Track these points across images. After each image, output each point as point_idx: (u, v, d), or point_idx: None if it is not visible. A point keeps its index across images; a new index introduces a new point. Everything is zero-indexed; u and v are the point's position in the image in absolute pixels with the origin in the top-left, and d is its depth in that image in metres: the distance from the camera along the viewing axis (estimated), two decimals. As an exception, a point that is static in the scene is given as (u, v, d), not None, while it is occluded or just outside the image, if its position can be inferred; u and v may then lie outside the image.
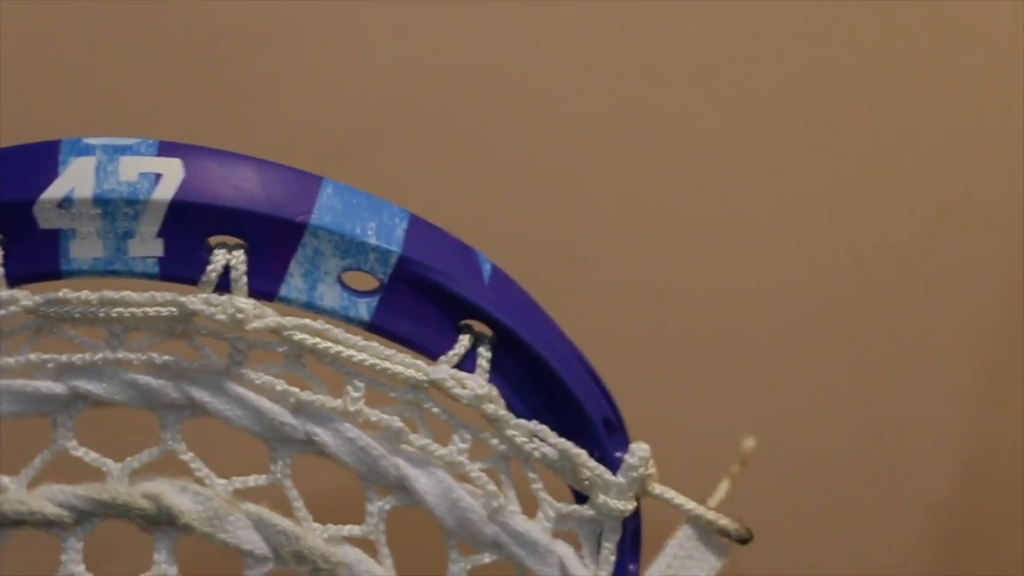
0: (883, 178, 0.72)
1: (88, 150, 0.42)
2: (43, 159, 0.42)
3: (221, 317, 0.42)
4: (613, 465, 0.45)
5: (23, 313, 0.43)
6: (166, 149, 0.43)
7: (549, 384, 0.45)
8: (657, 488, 0.45)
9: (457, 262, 0.44)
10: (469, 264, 0.44)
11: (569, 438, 0.45)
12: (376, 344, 0.44)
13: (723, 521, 0.45)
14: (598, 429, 0.45)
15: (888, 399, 0.73)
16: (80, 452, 0.44)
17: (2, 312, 0.42)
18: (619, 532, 0.45)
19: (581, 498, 0.46)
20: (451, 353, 0.44)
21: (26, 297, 0.42)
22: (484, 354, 0.44)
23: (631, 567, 0.45)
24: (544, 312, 0.46)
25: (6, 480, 0.44)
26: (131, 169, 0.42)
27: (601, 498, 0.45)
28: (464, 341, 0.44)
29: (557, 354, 0.45)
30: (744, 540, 0.46)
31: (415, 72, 0.67)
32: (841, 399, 0.73)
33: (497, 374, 0.45)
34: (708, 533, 0.46)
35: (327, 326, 0.43)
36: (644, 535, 0.46)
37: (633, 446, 0.45)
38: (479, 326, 0.45)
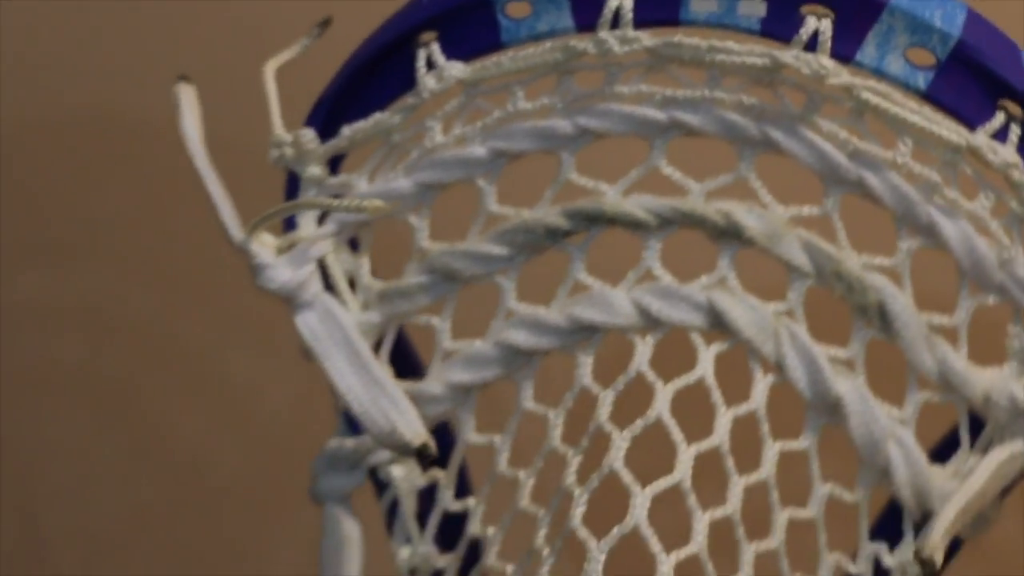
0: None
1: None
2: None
3: (806, 71, 0.51)
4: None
5: (642, 51, 0.53)
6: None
7: (1068, 163, 0.52)
8: None
9: (1003, 51, 0.52)
10: (1013, 54, 0.52)
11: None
12: (928, 110, 0.52)
13: None
14: (1107, 209, 0.53)
15: None
16: (669, 171, 0.54)
17: (627, 48, 0.52)
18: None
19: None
20: (988, 126, 0.52)
21: (647, 38, 0.52)
22: (1015, 131, 0.52)
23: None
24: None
25: (605, 186, 0.54)
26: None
27: (1101, 264, 0.52)
28: (1000, 117, 0.52)
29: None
30: None
31: None
32: None
33: (1021, 149, 0.52)
34: None
35: (890, 89, 0.52)
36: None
37: None
38: (1014, 108, 0.52)
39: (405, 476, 0.57)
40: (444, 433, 0.57)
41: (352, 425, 0.57)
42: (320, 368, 0.56)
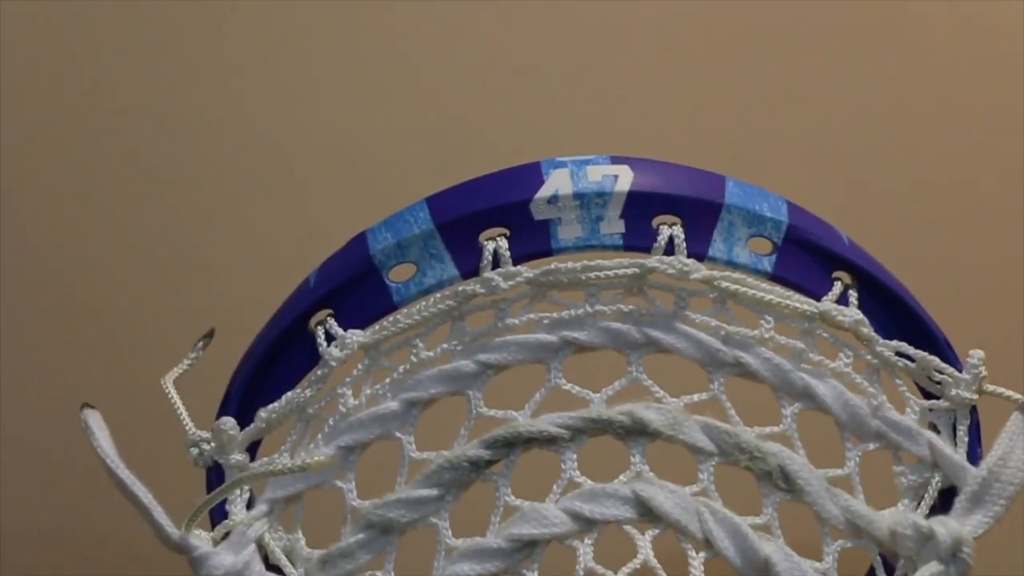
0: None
1: (562, 164, 0.59)
2: (531, 172, 0.59)
3: (671, 271, 0.58)
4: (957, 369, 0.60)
5: (525, 284, 0.59)
6: (616, 160, 0.59)
7: (903, 314, 0.60)
8: (990, 386, 0.60)
9: (826, 230, 0.60)
10: (834, 232, 0.60)
11: (921, 353, 0.60)
12: (779, 288, 0.59)
13: (1046, 407, 0.60)
14: (943, 344, 0.60)
15: None
16: (568, 387, 0.59)
17: (511, 283, 0.58)
18: (968, 419, 0.60)
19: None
20: (831, 294, 0.60)
21: (526, 271, 0.58)
22: (853, 295, 0.60)
23: (978, 449, 0.60)
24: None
25: (515, 413, 0.59)
26: (596, 173, 0.59)
27: (953, 391, 0.59)
28: (838, 286, 0.60)
29: (906, 291, 0.60)
30: (1059, 423, 0.60)
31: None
32: None
33: (861, 308, 0.60)
34: (1033, 417, 0.60)
35: (743, 276, 0.59)
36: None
37: (972, 351, 0.60)
38: (846, 277, 0.60)
39: None
40: None
41: None
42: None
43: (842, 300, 0.60)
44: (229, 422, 0.59)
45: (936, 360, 0.60)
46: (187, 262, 0.87)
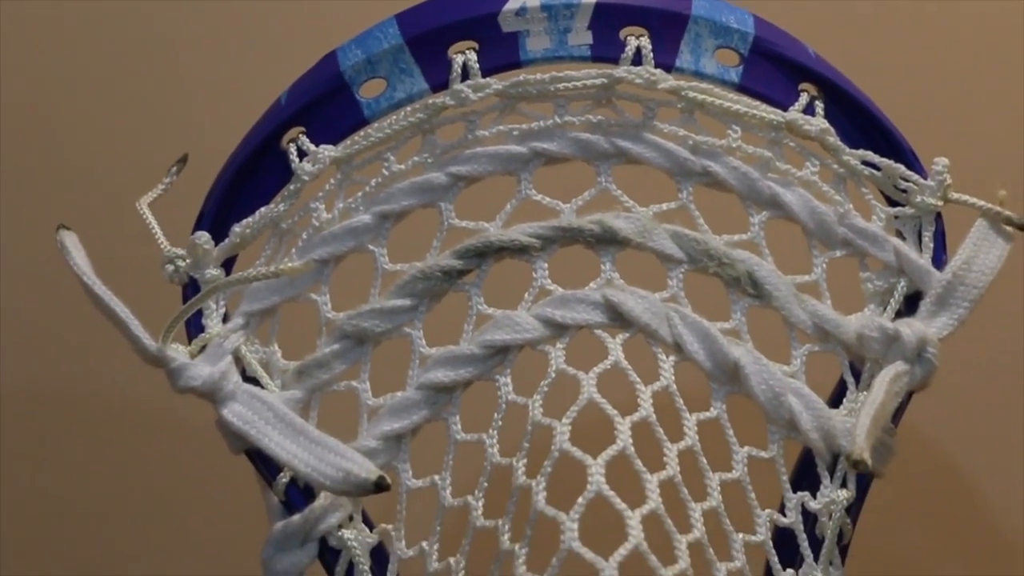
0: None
1: (529, -23, 0.59)
2: (499, -15, 0.59)
3: (639, 81, 0.59)
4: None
5: (494, 95, 0.59)
6: (584, -29, 0.59)
7: (869, 125, 0.61)
8: (955, 194, 0.61)
9: (793, 43, 0.61)
10: (800, 46, 0.61)
11: (886, 161, 0.61)
12: (746, 98, 0.60)
13: (1007, 212, 0.61)
14: (908, 153, 0.61)
15: None
16: (538, 197, 0.60)
17: (480, 95, 0.59)
18: (933, 226, 0.61)
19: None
20: (797, 104, 0.60)
21: (496, 83, 0.59)
22: (819, 106, 0.61)
23: (943, 255, 0.61)
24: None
25: (486, 224, 0.60)
26: (564, -16, 0.59)
27: (918, 198, 0.60)
28: (804, 97, 0.60)
29: (872, 103, 0.61)
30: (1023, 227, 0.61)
31: None
32: None
33: (827, 119, 0.61)
34: (996, 224, 0.61)
35: (710, 86, 0.60)
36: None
37: (937, 159, 0.61)
38: (812, 89, 0.61)
39: (356, 537, 0.59)
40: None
41: (290, 506, 0.59)
42: (255, 452, 0.58)
43: (809, 111, 0.60)
44: (204, 236, 0.59)
45: (902, 168, 0.60)
46: (161, 86, 0.88)
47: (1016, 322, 0.87)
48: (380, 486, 0.55)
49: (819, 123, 0.60)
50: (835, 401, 0.61)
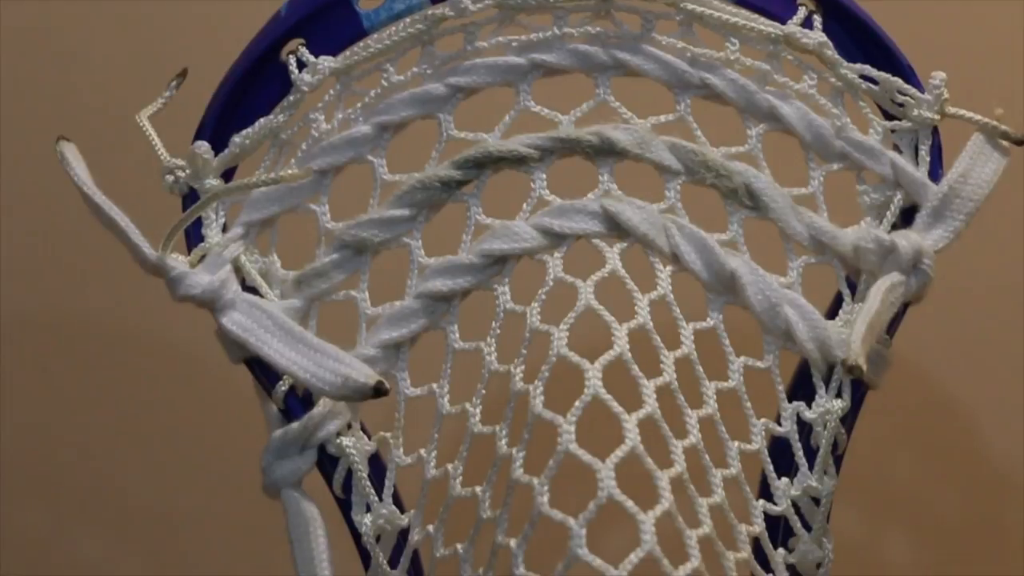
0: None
1: None
2: None
3: (631, -11, 0.59)
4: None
5: (493, 7, 0.59)
6: None
7: (867, 40, 0.61)
8: (952, 109, 0.61)
9: (791, -43, 0.61)
10: (801, -41, 0.61)
11: (883, 76, 0.61)
12: (745, 11, 0.60)
13: (1004, 127, 0.61)
14: (906, 68, 0.61)
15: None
16: (537, 109, 0.60)
17: (479, 6, 0.59)
18: (930, 140, 0.61)
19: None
20: (795, 18, 0.60)
21: (495, -6, 0.59)
22: (817, 19, 0.61)
23: (940, 170, 0.61)
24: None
25: (485, 135, 0.60)
26: None
27: (915, 112, 0.60)
28: (802, 11, 0.61)
29: (870, 18, 0.61)
30: (1020, 142, 0.61)
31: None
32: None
33: (825, 33, 0.61)
34: (993, 138, 0.61)
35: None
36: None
37: (934, 73, 0.61)
38: (810, 3, 0.61)
39: (355, 444, 0.59)
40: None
41: (288, 414, 0.59)
42: (254, 361, 0.59)
43: (807, 25, 0.61)
44: (203, 146, 0.60)
45: (899, 82, 0.61)
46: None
47: (1011, 251, 0.88)
48: (379, 390, 0.55)
49: (817, 36, 0.60)
50: (831, 315, 0.61)
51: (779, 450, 0.60)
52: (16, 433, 0.91)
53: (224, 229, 0.60)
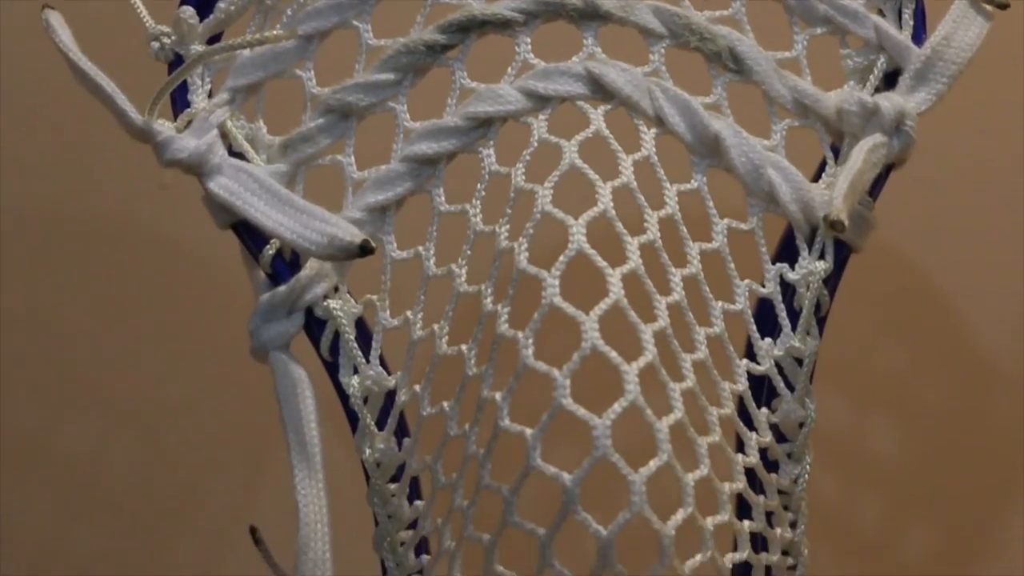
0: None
1: None
2: None
3: None
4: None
5: None
6: None
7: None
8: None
9: None
10: None
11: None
12: None
13: (988, -11, 0.61)
14: (889, -69, 0.61)
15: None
16: (521, -26, 0.60)
17: None
18: (914, 3, 0.61)
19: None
20: None
21: None
22: None
23: (923, 34, 0.61)
24: None
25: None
26: None
27: (899, -25, 0.61)
28: None
29: None
30: (1003, 6, 0.62)
31: None
32: None
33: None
34: (977, 3, 0.61)
35: None
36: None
37: (918, -64, 0.61)
38: None
39: (342, 307, 0.60)
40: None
41: (276, 278, 0.60)
42: (241, 226, 0.59)
43: None
44: (188, 11, 0.60)
45: (884, -59, 0.61)
46: None
47: (999, 138, 0.88)
48: (365, 249, 0.56)
49: (799, -100, 0.60)
50: (815, 181, 0.61)
51: (763, 313, 0.60)
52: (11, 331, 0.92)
53: (210, 96, 0.60)
